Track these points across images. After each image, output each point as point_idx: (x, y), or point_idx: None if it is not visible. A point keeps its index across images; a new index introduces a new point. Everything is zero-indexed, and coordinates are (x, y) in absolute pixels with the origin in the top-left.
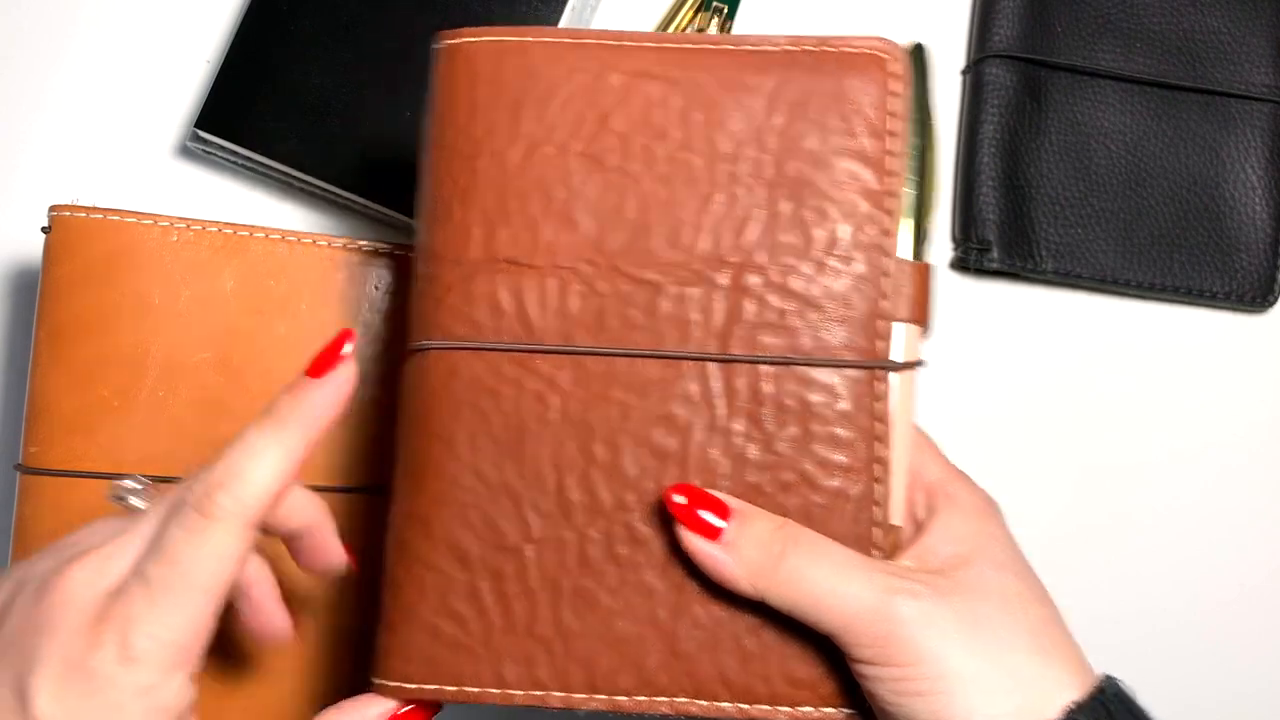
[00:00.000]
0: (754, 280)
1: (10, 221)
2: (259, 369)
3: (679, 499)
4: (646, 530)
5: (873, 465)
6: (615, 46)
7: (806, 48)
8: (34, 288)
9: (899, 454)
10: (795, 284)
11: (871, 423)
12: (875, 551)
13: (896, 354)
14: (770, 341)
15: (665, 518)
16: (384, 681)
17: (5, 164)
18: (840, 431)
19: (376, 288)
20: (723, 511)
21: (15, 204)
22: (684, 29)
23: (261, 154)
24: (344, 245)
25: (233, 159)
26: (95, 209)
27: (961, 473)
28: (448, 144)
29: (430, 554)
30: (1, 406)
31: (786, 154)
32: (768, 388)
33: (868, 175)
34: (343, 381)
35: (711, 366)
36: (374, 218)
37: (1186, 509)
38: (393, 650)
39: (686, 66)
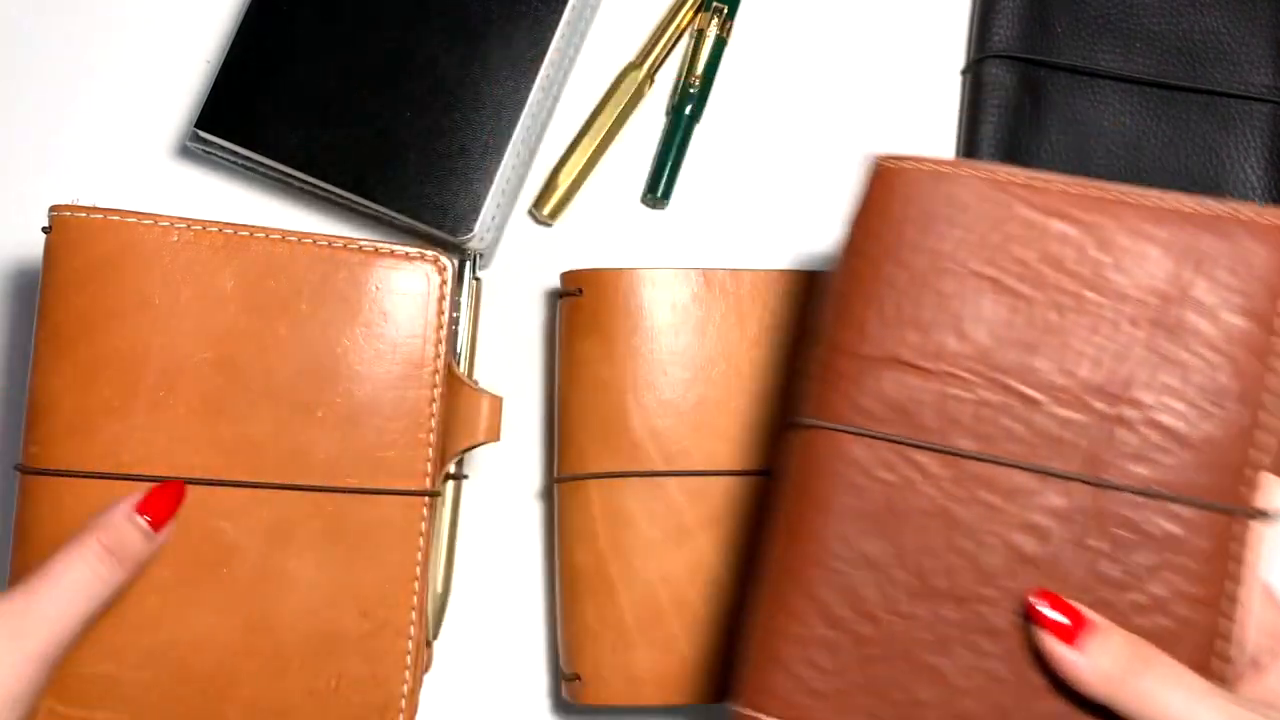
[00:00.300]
0: (1131, 413)
1: (11, 221)
2: (260, 369)
3: (1040, 604)
4: (1000, 623)
5: (1222, 600)
6: (1030, 186)
7: (1214, 210)
8: (34, 288)
9: (1248, 593)
10: (1171, 422)
11: (1227, 562)
12: (1214, 681)
13: (1261, 502)
14: (1140, 472)
15: (1021, 615)
16: (743, 710)
17: (6, 164)
18: (1197, 566)
19: (377, 288)
20: (1079, 621)
21: (16, 204)
22: (683, 29)
23: (261, 154)
24: (344, 245)
25: (233, 159)
26: (95, 209)
27: None
28: (860, 248)
29: (800, 606)
30: (2, 407)
31: (1177, 301)
32: (1131, 514)
33: (1255, 332)
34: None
35: (1079, 484)
36: (374, 218)
37: None
38: (756, 684)
39: (1094, 211)
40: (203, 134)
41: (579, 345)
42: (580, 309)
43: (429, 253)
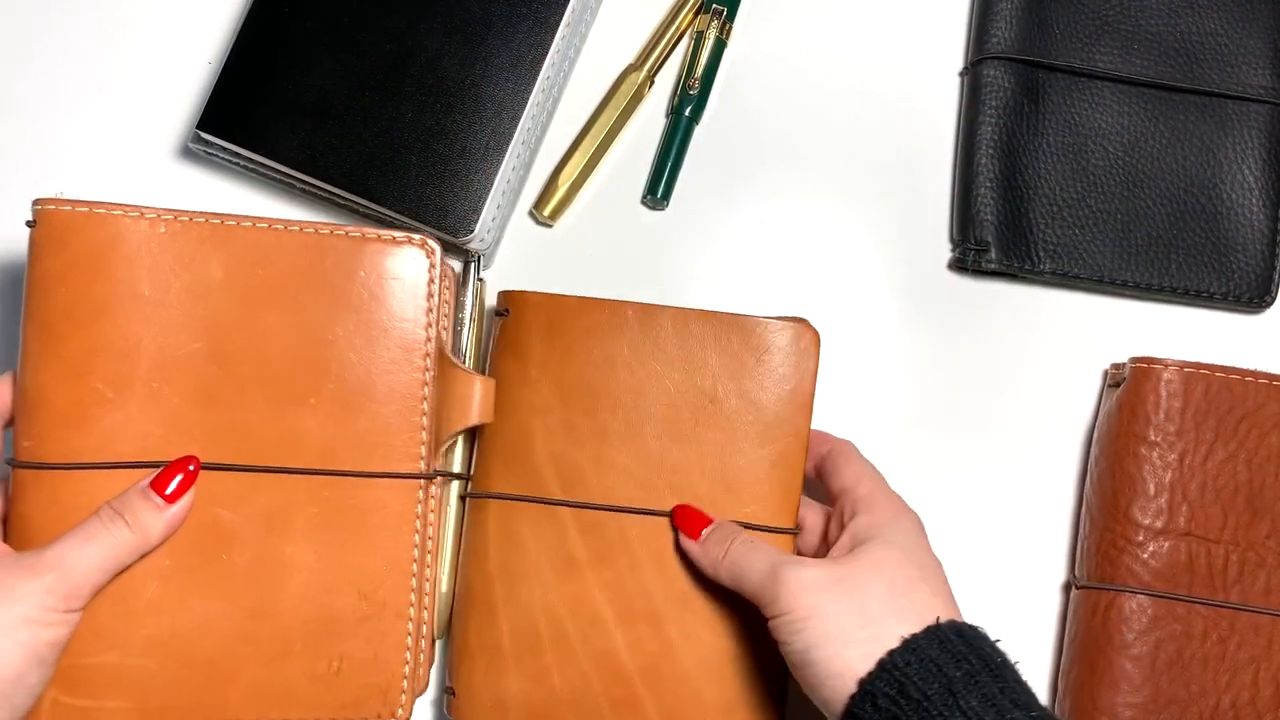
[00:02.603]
0: None
1: (12, 223)
2: (251, 357)
3: (680, 516)
4: None
5: None
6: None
7: None
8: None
9: None
10: None
11: None
12: None
13: None
14: None
15: None
16: None
17: (7, 165)
18: None
19: (365, 273)
20: (701, 520)
21: (17, 206)
22: (683, 30)
23: (263, 155)
24: (331, 231)
25: (234, 160)
26: (80, 202)
27: (884, 488)
28: (1140, 435)
29: None
30: None
31: None
32: None
33: None
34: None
35: None
36: (375, 218)
37: None
38: None
39: None
40: (204, 135)
41: (500, 364)
42: (506, 329)
43: (416, 236)
